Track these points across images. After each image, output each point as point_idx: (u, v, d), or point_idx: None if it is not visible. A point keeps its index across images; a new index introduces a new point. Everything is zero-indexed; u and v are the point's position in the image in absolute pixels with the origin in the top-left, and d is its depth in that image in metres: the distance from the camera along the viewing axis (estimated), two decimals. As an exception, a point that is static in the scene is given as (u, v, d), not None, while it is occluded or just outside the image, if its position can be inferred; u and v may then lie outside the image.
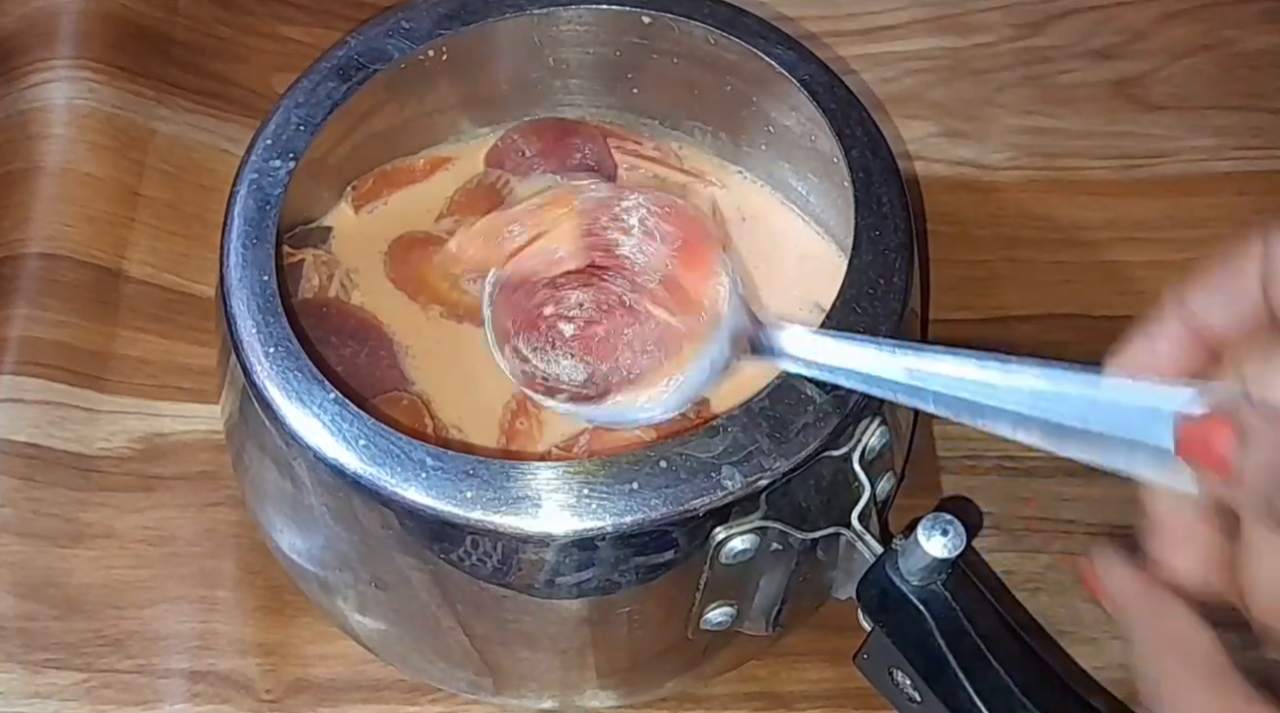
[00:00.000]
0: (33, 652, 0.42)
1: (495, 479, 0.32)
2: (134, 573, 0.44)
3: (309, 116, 0.38)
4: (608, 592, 0.34)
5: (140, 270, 0.49)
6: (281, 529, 0.39)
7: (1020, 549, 0.45)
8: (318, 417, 0.33)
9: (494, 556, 0.33)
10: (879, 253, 0.36)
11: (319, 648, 0.43)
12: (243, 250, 0.36)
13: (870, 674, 0.36)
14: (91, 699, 0.42)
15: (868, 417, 0.35)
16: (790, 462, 0.33)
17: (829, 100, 0.39)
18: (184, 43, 0.54)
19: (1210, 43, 0.57)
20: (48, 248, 0.49)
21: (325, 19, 0.55)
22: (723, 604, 0.36)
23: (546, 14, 0.41)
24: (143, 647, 0.43)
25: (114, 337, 0.48)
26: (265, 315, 0.35)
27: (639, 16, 0.41)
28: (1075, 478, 0.46)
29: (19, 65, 0.52)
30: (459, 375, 0.41)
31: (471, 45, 0.41)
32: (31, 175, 0.50)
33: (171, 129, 0.52)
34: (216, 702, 0.42)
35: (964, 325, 0.50)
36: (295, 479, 0.35)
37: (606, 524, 0.32)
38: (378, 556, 0.35)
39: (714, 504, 0.32)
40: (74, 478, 0.45)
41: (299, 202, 0.41)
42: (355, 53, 0.40)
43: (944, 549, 0.32)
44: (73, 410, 0.46)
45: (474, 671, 0.39)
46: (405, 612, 0.37)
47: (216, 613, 0.43)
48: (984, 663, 0.32)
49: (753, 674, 0.43)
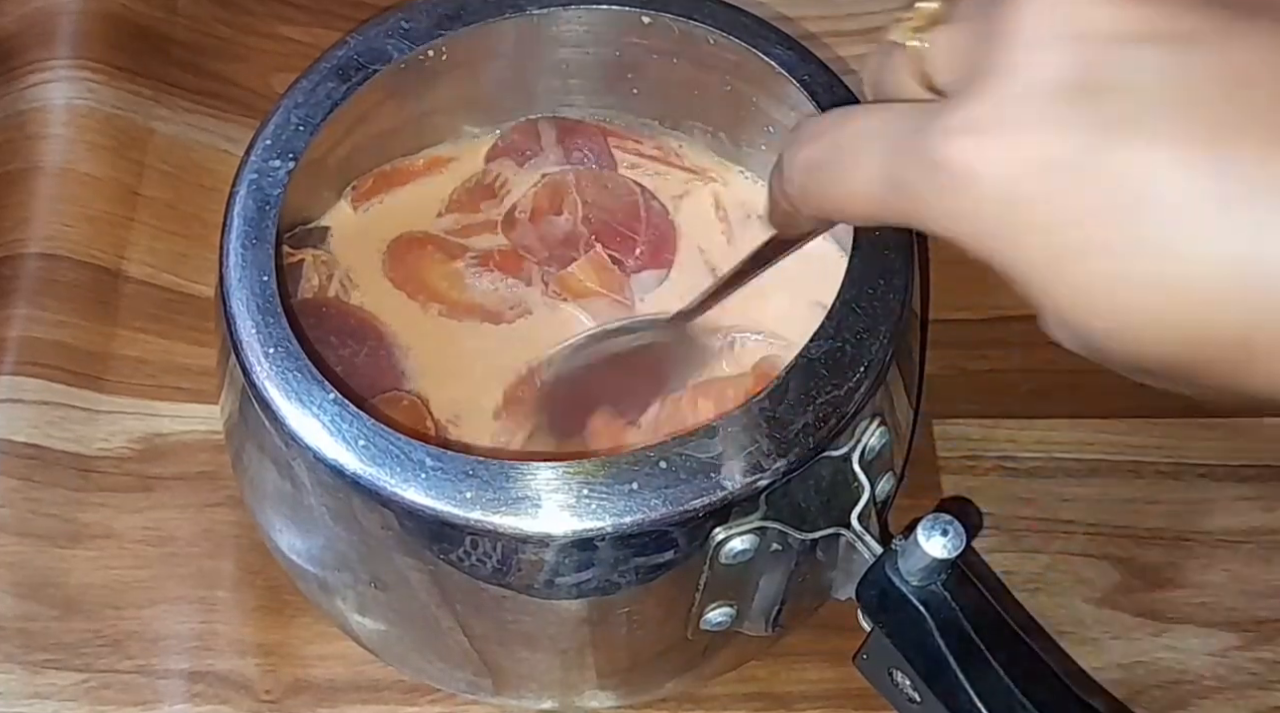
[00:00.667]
0: (32, 652, 0.42)
1: (495, 479, 0.32)
2: (133, 573, 0.44)
3: (309, 116, 0.38)
4: (607, 592, 0.34)
5: (139, 270, 0.49)
6: (281, 530, 0.39)
7: (1020, 549, 0.45)
8: (317, 417, 0.33)
9: (493, 556, 0.33)
10: (879, 253, 0.36)
11: (318, 648, 0.43)
12: (242, 250, 0.36)
13: (870, 675, 0.36)
14: (91, 700, 0.42)
15: (867, 417, 0.35)
16: (790, 462, 0.33)
17: (829, 100, 0.39)
18: (183, 42, 0.54)
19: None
20: (47, 248, 0.49)
21: (325, 19, 0.55)
22: (722, 605, 0.35)
23: (546, 14, 0.41)
24: (142, 647, 0.43)
25: (113, 337, 0.48)
26: (265, 315, 0.35)
27: (639, 16, 0.41)
28: (1075, 478, 0.47)
29: (18, 65, 0.52)
30: (459, 374, 0.41)
31: (471, 45, 0.41)
32: (31, 175, 0.50)
33: (171, 129, 0.52)
34: (216, 702, 0.42)
35: (964, 325, 0.50)
36: (294, 480, 0.35)
37: (606, 525, 0.32)
38: (377, 556, 0.35)
39: (713, 505, 0.32)
40: (73, 478, 0.45)
41: (298, 202, 0.41)
42: (355, 53, 0.40)
43: (944, 550, 0.32)
44: (72, 411, 0.46)
45: (473, 671, 0.39)
46: (405, 612, 0.37)
47: (216, 613, 0.43)
48: (984, 664, 0.32)
49: (752, 675, 0.43)
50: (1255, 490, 0.46)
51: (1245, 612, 0.44)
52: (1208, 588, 0.45)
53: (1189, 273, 0.23)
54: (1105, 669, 0.43)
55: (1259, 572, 0.45)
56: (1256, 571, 0.45)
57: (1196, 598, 0.45)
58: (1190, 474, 0.47)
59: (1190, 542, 0.46)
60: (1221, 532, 0.46)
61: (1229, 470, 0.47)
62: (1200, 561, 0.45)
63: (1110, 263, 0.24)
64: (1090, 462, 0.47)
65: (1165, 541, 0.46)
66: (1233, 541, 0.45)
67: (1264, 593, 0.45)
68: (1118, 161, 0.23)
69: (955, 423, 0.48)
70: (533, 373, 0.41)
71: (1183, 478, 0.47)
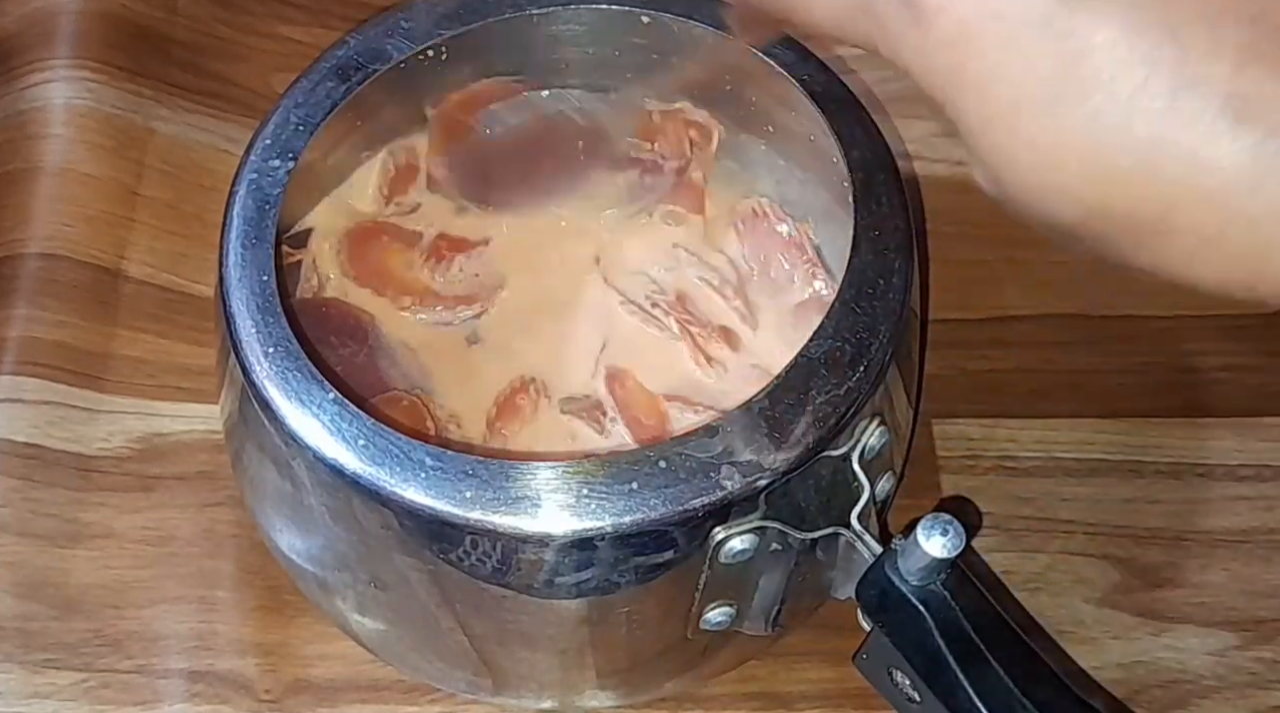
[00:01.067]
0: (31, 652, 0.42)
1: (494, 479, 0.32)
2: (133, 573, 0.44)
3: (308, 116, 0.38)
4: (607, 592, 0.34)
5: (139, 270, 0.49)
6: (280, 529, 0.39)
7: (1019, 549, 0.45)
8: (317, 417, 0.33)
9: (493, 556, 0.33)
10: (879, 253, 0.36)
11: (318, 648, 0.43)
12: (242, 250, 0.36)
13: (869, 674, 0.36)
14: (90, 699, 0.42)
15: (867, 417, 0.35)
16: (789, 462, 0.33)
17: (829, 100, 0.39)
18: (183, 42, 0.54)
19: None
20: (47, 248, 0.49)
21: (324, 19, 0.55)
22: (722, 604, 0.36)
23: (546, 14, 0.41)
24: (142, 647, 0.43)
25: (113, 337, 0.48)
26: (265, 315, 0.35)
27: (639, 16, 0.41)
28: (1075, 478, 0.47)
29: (18, 65, 0.52)
30: (458, 371, 0.41)
31: (471, 45, 0.41)
32: (30, 175, 0.50)
33: (170, 129, 0.52)
34: (216, 702, 0.42)
35: (964, 325, 0.50)
36: (294, 479, 0.35)
37: (606, 524, 0.32)
38: (377, 556, 0.35)
39: (713, 504, 0.32)
40: (73, 478, 0.45)
41: (299, 202, 0.41)
42: (354, 53, 0.40)
43: (943, 549, 0.32)
44: (72, 410, 0.46)
45: (473, 671, 0.39)
46: (404, 612, 0.37)
47: (215, 613, 0.43)
48: (983, 663, 0.32)
49: (752, 674, 0.43)
50: (1254, 490, 0.46)
51: (1245, 611, 0.44)
52: (1207, 588, 0.45)
53: (1113, 142, 0.25)
54: (1105, 669, 0.43)
55: (1258, 572, 0.45)
56: (1256, 570, 0.45)
57: (1196, 598, 0.45)
58: (1190, 474, 0.47)
59: (1190, 542, 0.46)
60: (1221, 532, 0.46)
61: (1228, 470, 0.47)
62: (1200, 560, 0.45)
63: (1042, 121, 0.25)
64: (1090, 462, 0.47)
65: (1165, 540, 0.46)
66: (1232, 540, 0.46)
67: (1263, 593, 0.45)
68: (1068, 26, 0.25)
69: (955, 423, 0.48)
70: (526, 383, 0.41)
71: (1183, 478, 0.47)
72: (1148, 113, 0.24)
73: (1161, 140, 0.24)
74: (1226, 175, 0.24)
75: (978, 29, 0.26)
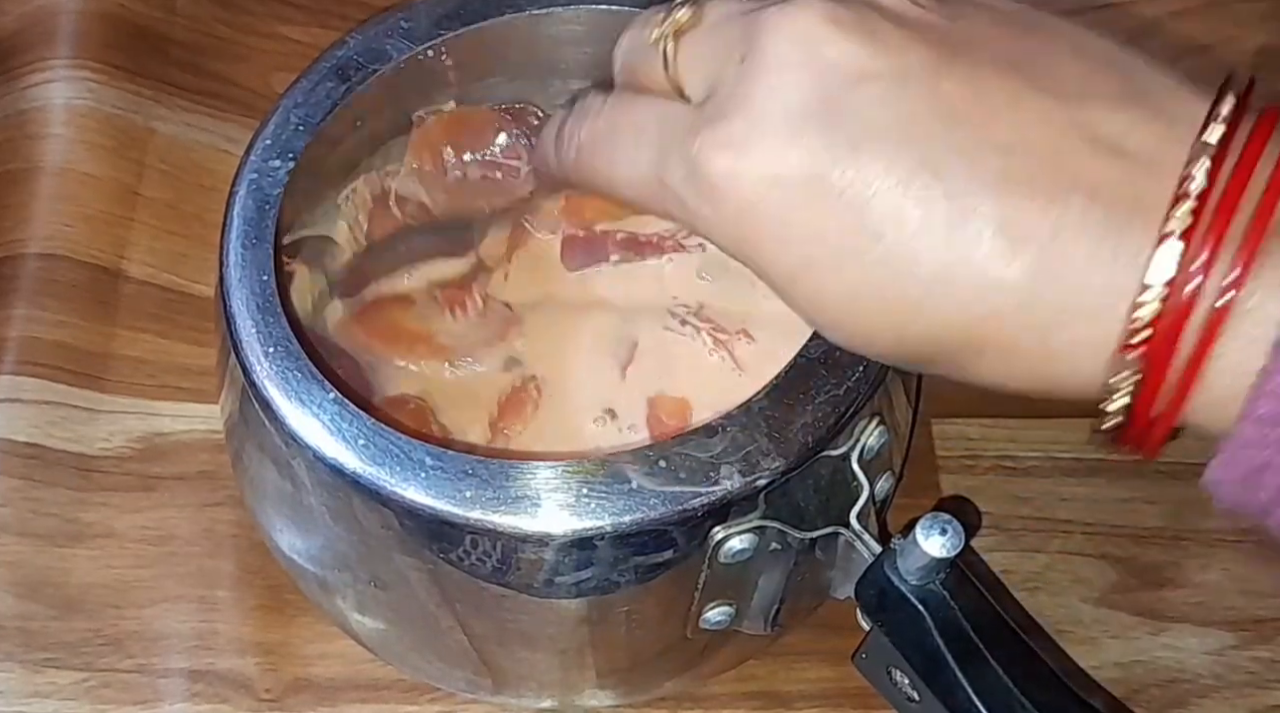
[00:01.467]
0: (32, 651, 0.42)
1: (494, 479, 0.32)
2: (133, 573, 0.44)
3: (308, 116, 0.38)
4: (606, 591, 0.34)
5: (139, 270, 0.49)
6: (281, 529, 0.39)
7: (1019, 549, 0.45)
8: (317, 417, 0.33)
9: (493, 555, 0.33)
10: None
11: (318, 648, 0.43)
12: (242, 250, 0.36)
13: (869, 674, 0.36)
14: (91, 699, 0.42)
15: (866, 416, 0.35)
16: (789, 461, 0.33)
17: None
18: (182, 42, 0.54)
19: (1211, 42, 0.57)
20: (47, 248, 0.49)
21: (324, 19, 0.55)
22: (721, 604, 0.36)
23: (546, 14, 0.41)
24: (142, 646, 0.43)
25: (113, 336, 0.48)
26: (265, 315, 0.35)
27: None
28: (1073, 478, 0.47)
29: (18, 65, 0.52)
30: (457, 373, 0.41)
31: (471, 45, 0.41)
32: (30, 175, 0.50)
33: (170, 129, 0.52)
34: (216, 701, 0.42)
35: (963, 325, 0.50)
36: (295, 479, 0.35)
37: (605, 524, 0.32)
38: (377, 555, 0.35)
39: (713, 504, 0.32)
40: (73, 478, 0.45)
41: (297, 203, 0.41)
42: (354, 53, 0.40)
43: (942, 549, 0.32)
44: (72, 410, 0.46)
45: (473, 670, 0.39)
46: (404, 611, 0.37)
47: (216, 613, 0.43)
48: (982, 662, 0.32)
49: (751, 674, 0.43)
50: (1254, 490, 0.46)
51: (1243, 611, 0.44)
52: (1206, 587, 0.45)
53: (905, 280, 0.27)
54: (1103, 668, 0.43)
55: (1257, 571, 0.45)
56: (1255, 570, 0.45)
57: (1195, 597, 0.45)
58: (1189, 474, 0.46)
59: (1188, 541, 0.46)
60: (1220, 531, 0.46)
61: (1227, 470, 0.47)
62: (1198, 560, 0.45)
63: (838, 274, 0.27)
64: (1089, 461, 0.47)
65: (1163, 540, 0.46)
66: (1231, 540, 0.46)
67: (1262, 592, 0.45)
68: (842, 181, 0.26)
69: (954, 422, 0.48)
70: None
71: (1181, 477, 0.47)
72: (931, 249, 0.26)
73: (949, 270, 0.26)
74: (1009, 292, 0.26)
75: (762, 197, 0.27)
